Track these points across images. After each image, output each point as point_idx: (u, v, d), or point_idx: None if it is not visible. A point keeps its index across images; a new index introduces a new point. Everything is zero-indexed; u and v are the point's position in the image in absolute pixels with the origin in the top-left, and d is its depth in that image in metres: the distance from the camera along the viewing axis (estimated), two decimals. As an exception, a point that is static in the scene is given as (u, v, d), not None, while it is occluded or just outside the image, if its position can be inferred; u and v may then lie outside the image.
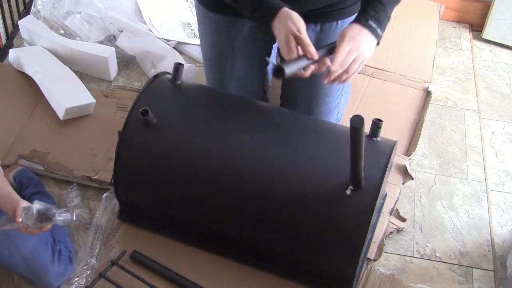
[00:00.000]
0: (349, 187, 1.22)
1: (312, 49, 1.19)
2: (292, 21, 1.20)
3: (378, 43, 1.27)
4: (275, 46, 1.50)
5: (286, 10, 1.22)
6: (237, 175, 1.30)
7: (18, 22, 2.07)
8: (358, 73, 2.02)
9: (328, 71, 1.22)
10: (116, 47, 2.06)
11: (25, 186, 1.55)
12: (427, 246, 1.59)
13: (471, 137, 1.93)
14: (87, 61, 1.98)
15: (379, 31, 1.25)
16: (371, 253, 1.52)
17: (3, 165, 1.43)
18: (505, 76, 2.20)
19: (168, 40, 2.12)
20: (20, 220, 1.18)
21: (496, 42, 2.35)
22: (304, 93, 1.51)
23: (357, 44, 1.22)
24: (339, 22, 1.41)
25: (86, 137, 1.75)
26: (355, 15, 1.43)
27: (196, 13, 1.52)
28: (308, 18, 1.38)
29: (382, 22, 1.26)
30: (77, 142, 1.73)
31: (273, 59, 1.52)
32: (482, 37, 2.35)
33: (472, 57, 2.27)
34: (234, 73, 1.54)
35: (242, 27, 1.42)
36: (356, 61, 1.23)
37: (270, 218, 1.30)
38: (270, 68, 1.66)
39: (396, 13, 1.35)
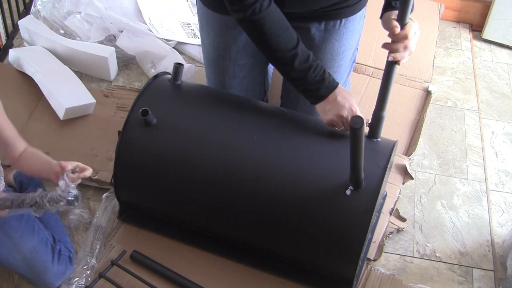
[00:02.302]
0: (349, 187, 1.22)
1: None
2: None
3: None
4: None
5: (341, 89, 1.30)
6: (236, 175, 1.31)
7: (18, 22, 2.07)
8: (358, 73, 2.04)
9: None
10: (116, 47, 2.06)
11: (26, 186, 1.55)
12: (427, 246, 1.59)
13: (471, 137, 1.93)
14: (87, 61, 1.98)
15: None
16: (371, 253, 1.52)
17: (3, 165, 1.43)
18: (505, 76, 2.20)
19: (168, 40, 2.12)
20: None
21: (496, 42, 2.34)
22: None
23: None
24: (343, 20, 1.41)
25: (86, 137, 1.75)
26: (360, 12, 1.43)
27: (198, 14, 1.52)
28: (313, 17, 1.38)
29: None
30: (77, 142, 1.73)
31: None
32: (482, 37, 2.35)
33: (472, 57, 2.27)
34: (236, 74, 1.54)
35: None
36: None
37: (270, 218, 1.30)
38: (270, 67, 1.66)
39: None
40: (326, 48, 1.44)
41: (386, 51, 1.23)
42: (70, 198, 1.20)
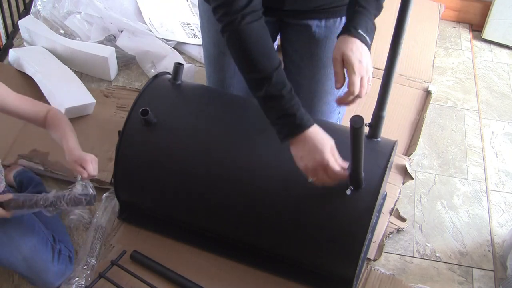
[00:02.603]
0: (349, 187, 1.22)
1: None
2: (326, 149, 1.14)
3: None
4: (275, 44, 1.50)
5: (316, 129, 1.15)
6: (236, 175, 1.31)
7: (18, 22, 2.07)
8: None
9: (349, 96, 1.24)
10: (116, 47, 2.06)
11: (26, 186, 1.55)
12: (427, 246, 1.59)
13: (471, 137, 1.93)
14: (87, 61, 1.98)
15: (368, 40, 1.24)
16: (371, 253, 1.52)
17: (3, 165, 1.43)
18: (505, 76, 2.20)
19: (168, 40, 2.12)
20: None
21: (496, 42, 2.34)
22: (305, 91, 1.51)
23: (366, 65, 1.23)
24: (343, 18, 1.41)
25: (86, 137, 1.75)
26: None
27: (200, 10, 1.52)
28: (312, 15, 1.38)
29: (370, 32, 1.24)
30: (77, 142, 1.73)
31: None
32: (482, 37, 2.35)
33: (472, 57, 2.27)
34: (236, 72, 1.53)
35: None
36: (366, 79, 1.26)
37: (270, 218, 1.30)
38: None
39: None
40: (327, 46, 1.44)
41: (386, 51, 1.23)
42: (89, 198, 1.24)
